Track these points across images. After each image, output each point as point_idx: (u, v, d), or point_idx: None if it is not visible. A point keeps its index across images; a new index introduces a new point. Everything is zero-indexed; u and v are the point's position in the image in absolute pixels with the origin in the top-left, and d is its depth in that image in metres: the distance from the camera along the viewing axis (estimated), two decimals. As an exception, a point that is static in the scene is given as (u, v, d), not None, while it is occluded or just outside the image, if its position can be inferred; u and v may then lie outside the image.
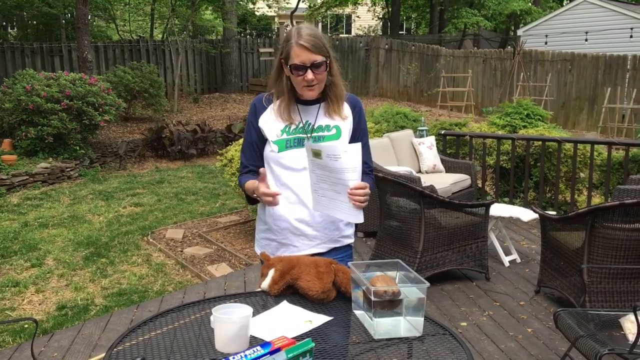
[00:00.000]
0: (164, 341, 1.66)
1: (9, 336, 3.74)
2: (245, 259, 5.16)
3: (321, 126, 2.04)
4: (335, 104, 2.03)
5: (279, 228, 2.08)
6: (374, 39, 17.64)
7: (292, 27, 2.00)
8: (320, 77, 1.95)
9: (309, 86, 1.95)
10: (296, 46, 1.91)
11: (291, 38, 1.93)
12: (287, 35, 1.97)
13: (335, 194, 1.89)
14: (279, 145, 2.02)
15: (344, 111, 2.05)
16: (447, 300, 4.11)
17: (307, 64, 1.91)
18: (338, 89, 2.04)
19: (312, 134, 2.03)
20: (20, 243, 5.66)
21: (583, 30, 15.31)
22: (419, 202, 4.13)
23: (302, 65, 1.91)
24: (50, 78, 9.20)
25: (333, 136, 2.04)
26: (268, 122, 2.05)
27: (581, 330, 2.58)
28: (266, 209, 2.11)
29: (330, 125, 2.04)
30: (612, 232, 3.45)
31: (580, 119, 13.62)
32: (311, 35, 1.92)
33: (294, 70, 1.93)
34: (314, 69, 1.92)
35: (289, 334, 1.62)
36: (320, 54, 1.92)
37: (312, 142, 2.00)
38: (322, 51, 1.93)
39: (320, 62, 1.92)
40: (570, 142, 6.17)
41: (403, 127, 7.42)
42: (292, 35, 1.93)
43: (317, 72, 1.94)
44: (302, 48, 1.90)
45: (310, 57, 1.91)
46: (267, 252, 2.10)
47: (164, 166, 9.97)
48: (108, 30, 20.62)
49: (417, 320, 1.70)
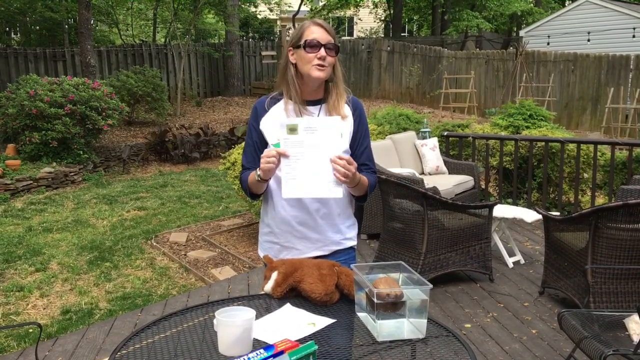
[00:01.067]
0: (168, 345, 1.66)
1: (13, 341, 3.75)
2: (248, 262, 5.16)
3: None
4: (335, 103, 2.04)
5: (281, 231, 2.08)
6: (376, 41, 17.65)
7: (302, 23, 2.06)
8: (331, 60, 1.98)
9: (320, 65, 1.96)
10: (312, 24, 1.97)
11: (305, 23, 1.99)
12: (299, 27, 2.02)
13: (311, 173, 1.86)
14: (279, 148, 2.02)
15: (344, 110, 2.05)
16: (451, 302, 4.10)
17: (322, 41, 1.95)
18: (339, 89, 2.05)
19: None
20: (25, 248, 5.67)
21: (585, 30, 15.29)
22: (422, 204, 4.13)
23: (317, 42, 1.95)
24: (53, 83, 9.23)
25: None
26: (269, 126, 2.05)
27: (585, 331, 2.58)
28: (269, 211, 2.11)
29: None
30: (616, 232, 3.44)
31: (583, 119, 13.59)
32: (325, 22, 2.00)
33: (308, 48, 1.95)
34: (327, 50, 1.96)
35: (292, 336, 1.62)
36: (333, 38, 1.98)
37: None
38: (334, 37, 1.99)
39: (333, 45, 1.97)
40: (574, 143, 6.16)
41: (406, 129, 7.42)
42: (306, 22, 2.00)
43: (330, 54, 1.96)
44: (319, 26, 1.96)
45: (325, 37, 1.96)
46: (270, 254, 2.11)
47: (167, 170, 9.99)
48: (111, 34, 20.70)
49: (421, 322, 1.70)
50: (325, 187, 1.86)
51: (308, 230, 2.04)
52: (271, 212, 2.09)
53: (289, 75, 2.02)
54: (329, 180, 1.85)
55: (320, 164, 1.84)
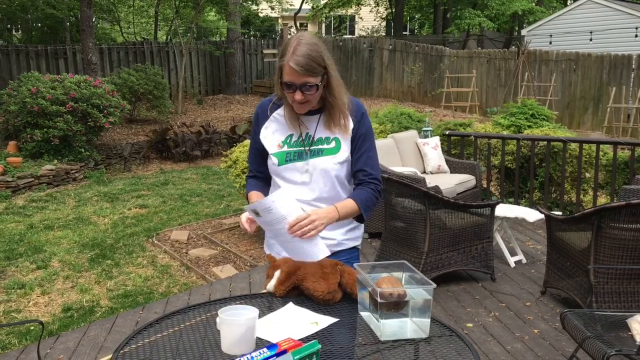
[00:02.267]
0: (170, 343, 1.66)
1: (14, 338, 3.75)
2: (250, 261, 5.16)
3: (321, 138, 2.01)
4: (335, 116, 1.98)
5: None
6: (378, 40, 17.63)
7: (292, 37, 1.92)
8: (310, 97, 1.90)
9: (298, 104, 1.92)
10: (287, 65, 1.85)
11: (286, 53, 1.86)
12: (285, 46, 1.89)
13: (291, 243, 1.90)
14: (279, 158, 2.01)
15: (343, 122, 1.99)
16: (452, 301, 4.09)
17: (296, 83, 1.86)
18: (339, 103, 1.96)
19: (312, 146, 2.00)
20: (26, 245, 5.67)
21: (587, 29, 15.26)
22: (424, 203, 4.12)
23: (291, 84, 1.87)
24: (55, 80, 9.23)
25: (332, 149, 2.00)
26: (268, 135, 2.04)
27: (588, 331, 2.57)
28: None
29: (330, 137, 2.00)
30: (619, 232, 3.43)
31: (585, 118, 13.58)
32: (305, 56, 1.84)
33: (285, 87, 1.89)
34: (304, 89, 1.87)
35: (295, 335, 1.62)
36: (312, 75, 1.86)
37: (307, 159, 2.00)
38: (315, 72, 1.86)
39: (311, 84, 1.87)
40: (576, 142, 6.15)
41: (407, 128, 7.41)
42: (288, 50, 1.86)
43: (307, 93, 1.88)
44: (292, 69, 1.84)
45: (300, 79, 1.85)
46: (275, 252, 2.10)
47: (168, 168, 9.99)
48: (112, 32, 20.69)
49: (424, 321, 1.69)
50: (311, 251, 1.90)
51: None
52: None
53: (280, 92, 1.97)
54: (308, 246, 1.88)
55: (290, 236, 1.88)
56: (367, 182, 2.01)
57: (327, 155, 1.99)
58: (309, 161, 1.99)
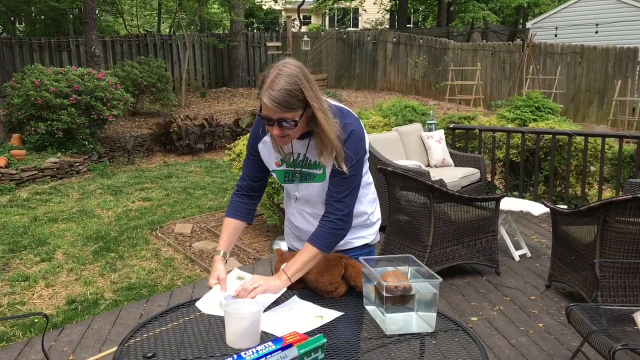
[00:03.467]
0: (174, 336, 1.65)
1: (19, 330, 3.76)
2: (253, 254, 5.15)
3: (310, 163, 1.91)
4: (323, 148, 1.82)
5: (295, 228, 2.15)
6: (382, 33, 17.55)
7: (273, 67, 1.74)
8: (290, 131, 1.76)
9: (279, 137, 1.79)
10: (263, 97, 1.71)
11: (264, 85, 1.71)
12: (266, 74, 1.74)
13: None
14: (279, 177, 1.99)
15: (335, 155, 1.83)
16: (457, 295, 4.08)
17: (273, 118, 1.73)
18: (326, 138, 1.78)
19: (304, 169, 1.92)
20: (30, 238, 5.68)
21: (593, 22, 15.16)
22: (428, 196, 4.10)
23: (268, 118, 1.73)
24: (58, 73, 9.22)
25: (320, 176, 1.91)
26: (265, 153, 1.98)
27: (594, 325, 2.56)
28: (287, 220, 2.17)
29: (319, 162, 1.89)
30: (625, 226, 3.41)
31: (590, 112, 13.51)
32: (282, 91, 1.68)
33: (263, 120, 1.77)
34: (282, 125, 1.73)
35: (300, 329, 1.61)
36: (290, 111, 1.71)
37: (297, 183, 1.95)
38: (292, 108, 1.71)
39: (288, 120, 1.72)
40: (581, 136, 6.11)
41: (411, 121, 7.38)
42: (266, 82, 1.71)
43: (286, 127, 1.74)
44: (266, 105, 1.70)
45: (277, 114, 1.71)
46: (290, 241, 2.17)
47: (172, 161, 9.99)
48: (116, 24, 20.65)
49: (430, 315, 1.69)
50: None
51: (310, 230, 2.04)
52: (292, 220, 2.12)
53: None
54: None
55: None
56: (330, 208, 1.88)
57: (316, 182, 1.92)
58: (298, 185, 1.96)
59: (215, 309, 1.79)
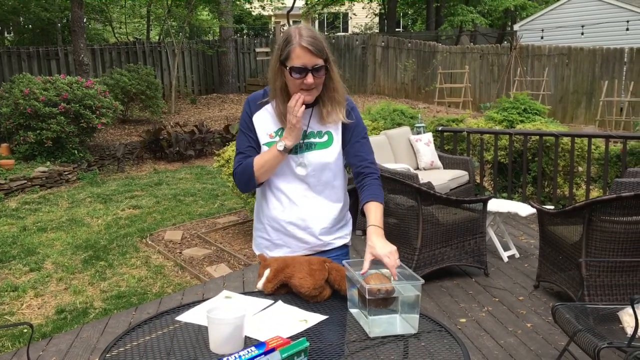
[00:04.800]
0: (159, 344, 1.65)
1: (8, 341, 3.73)
2: (244, 260, 5.15)
3: (313, 132, 1.99)
4: (331, 109, 1.95)
5: (272, 229, 2.08)
6: (371, 37, 17.63)
7: (290, 28, 1.89)
8: (319, 82, 1.89)
9: (307, 90, 1.88)
10: (298, 47, 1.82)
11: (292, 39, 1.84)
12: (286, 36, 1.87)
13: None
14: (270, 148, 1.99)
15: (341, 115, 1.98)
16: (446, 297, 4.10)
17: (308, 66, 1.84)
18: (337, 94, 1.95)
19: (304, 140, 1.98)
20: (19, 247, 5.65)
21: (579, 23, 15.30)
22: (416, 199, 4.12)
23: (304, 67, 1.84)
24: (47, 82, 9.18)
25: (325, 143, 1.99)
26: (261, 121, 2.01)
27: (580, 324, 2.58)
28: (262, 209, 2.11)
29: (322, 131, 1.99)
30: (610, 225, 3.44)
31: (578, 112, 13.62)
32: (312, 37, 1.84)
33: (294, 73, 1.85)
34: (315, 72, 1.85)
35: (284, 333, 1.62)
36: (320, 57, 1.85)
37: (301, 153, 1.97)
38: (323, 54, 1.86)
39: (321, 66, 1.86)
40: (568, 136, 6.16)
41: (400, 124, 7.41)
42: (293, 36, 1.85)
43: (317, 76, 1.87)
44: (304, 50, 1.82)
45: (312, 60, 1.84)
46: (264, 252, 2.11)
47: (162, 168, 9.96)
48: (104, 32, 20.60)
49: (413, 317, 1.70)
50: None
51: (297, 230, 2.04)
52: (265, 210, 2.09)
53: (279, 84, 1.93)
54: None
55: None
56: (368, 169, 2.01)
57: (320, 149, 1.98)
58: (304, 154, 1.98)
59: (198, 318, 1.79)
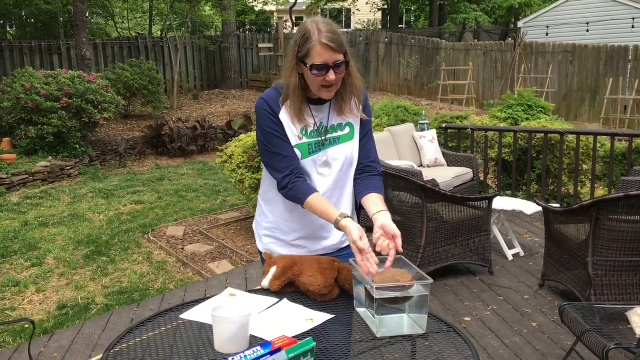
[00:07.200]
0: (163, 342, 1.63)
1: (9, 336, 3.71)
2: (246, 256, 5.12)
3: (334, 126, 1.95)
4: (350, 104, 1.93)
5: (290, 230, 2.02)
6: (374, 33, 17.56)
7: (307, 22, 1.83)
8: (339, 78, 1.84)
9: (327, 87, 1.83)
10: (319, 45, 1.77)
11: (311, 35, 1.78)
12: (304, 31, 1.80)
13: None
14: (302, 151, 1.91)
15: (360, 107, 1.96)
16: (450, 295, 4.07)
17: (329, 63, 1.79)
18: (356, 90, 1.91)
19: (327, 135, 1.94)
20: (21, 242, 5.63)
21: (584, 21, 15.22)
22: (420, 197, 4.09)
23: (325, 65, 1.78)
24: (49, 76, 9.16)
25: (347, 135, 1.96)
26: (286, 121, 1.91)
27: (587, 324, 2.54)
28: (275, 208, 2.03)
29: (343, 123, 1.96)
30: (617, 224, 3.40)
31: (582, 110, 13.55)
32: (332, 32, 1.78)
33: (316, 71, 1.79)
34: (336, 69, 1.80)
35: (289, 333, 1.58)
36: (341, 52, 1.80)
37: (324, 150, 1.93)
38: (343, 49, 1.80)
39: (341, 62, 1.81)
40: (573, 134, 6.12)
41: (404, 121, 7.36)
42: (312, 32, 1.78)
43: (338, 72, 1.82)
44: (325, 47, 1.77)
45: (333, 56, 1.78)
46: (271, 250, 2.06)
47: (164, 163, 9.94)
48: (107, 27, 20.55)
49: (421, 317, 1.66)
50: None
51: (324, 233, 2.02)
52: (278, 210, 2.02)
53: (296, 81, 1.85)
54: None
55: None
56: (370, 167, 2.01)
57: (344, 142, 1.96)
58: (327, 151, 1.94)
59: (203, 316, 1.75)
